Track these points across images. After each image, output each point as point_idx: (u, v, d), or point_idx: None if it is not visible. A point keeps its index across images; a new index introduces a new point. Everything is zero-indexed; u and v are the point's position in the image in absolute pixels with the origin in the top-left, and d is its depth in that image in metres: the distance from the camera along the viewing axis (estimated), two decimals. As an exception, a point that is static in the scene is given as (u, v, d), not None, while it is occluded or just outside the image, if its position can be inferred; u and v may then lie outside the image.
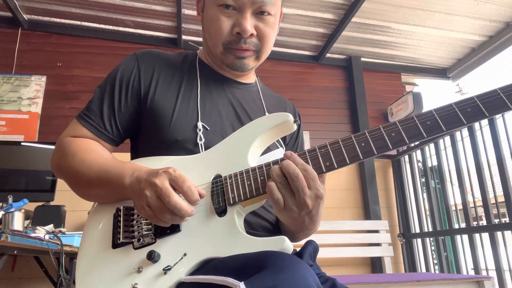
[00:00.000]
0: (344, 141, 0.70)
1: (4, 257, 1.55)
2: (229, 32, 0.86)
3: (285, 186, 0.67)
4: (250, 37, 0.87)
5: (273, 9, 0.87)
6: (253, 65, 0.93)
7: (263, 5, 0.85)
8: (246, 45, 0.87)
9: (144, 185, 0.69)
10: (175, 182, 0.68)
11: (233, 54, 0.89)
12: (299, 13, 3.12)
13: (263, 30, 0.87)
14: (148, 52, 0.95)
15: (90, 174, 0.79)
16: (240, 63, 0.91)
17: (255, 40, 0.88)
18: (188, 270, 0.68)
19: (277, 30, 0.95)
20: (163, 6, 3.10)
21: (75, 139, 0.86)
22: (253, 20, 0.86)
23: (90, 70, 3.26)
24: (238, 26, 0.85)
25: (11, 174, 2.38)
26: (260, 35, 0.88)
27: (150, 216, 0.69)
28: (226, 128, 0.88)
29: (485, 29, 3.29)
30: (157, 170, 0.70)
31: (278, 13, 0.91)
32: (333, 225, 3.02)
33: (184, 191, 0.68)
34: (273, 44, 0.93)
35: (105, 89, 0.90)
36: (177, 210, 0.66)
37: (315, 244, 0.89)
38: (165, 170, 0.69)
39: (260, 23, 0.87)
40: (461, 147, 2.71)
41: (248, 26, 0.84)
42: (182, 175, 0.68)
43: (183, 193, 0.68)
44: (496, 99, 0.64)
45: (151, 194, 0.67)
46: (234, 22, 0.86)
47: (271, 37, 0.90)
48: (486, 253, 2.48)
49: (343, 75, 3.75)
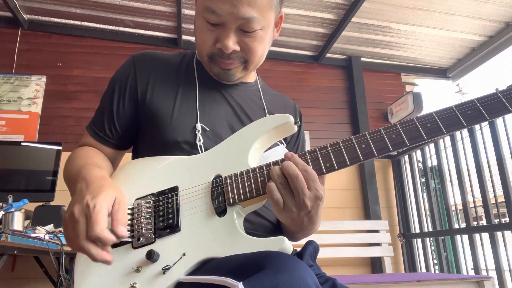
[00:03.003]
0: (344, 142, 0.70)
1: (4, 257, 1.55)
2: (212, 46, 0.84)
3: (285, 186, 0.67)
4: (233, 52, 0.83)
5: (260, 24, 0.80)
6: (240, 75, 0.91)
7: (248, 22, 0.78)
8: (229, 60, 0.85)
9: (72, 203, 0.67)
10: (88, 223, 0.63)
11: (218, 65, 0.87)
12: (299, 13, 3.12)
13: (249, 44, 0.83)
14: (145, 54, 0.95)
15: (70, 173, 0.83)
16: (226, 74, 0.89)
17: (241, 53, 0.84)
18: (187, 270, 0.68)
19: (275, 35, 0.92)
20: (163, 6, 3.10)
21: (79, 148, 0.91)
22: (237, 36, 0.81)
23: (90, 70, 3.26)
24: (220, 42, 0.81)
25: (11, 174, 2.38)
26: (246, 50, 0.84)
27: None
28: (225, 129, 0.88)
29: (485, 29, 3.28)
30: (83, 195, 0.65)
31: (270, 24, 0.85)
32: (333, 225, 3.02)
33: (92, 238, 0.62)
34: (264, 55, 0.89)
35: (105, 95, 0.93)
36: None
37: (316, 244, 0.89)
38: (86, 202, 0.64)
39: (246, 38, 0.82)
40: (461, 147, 2.71)
41: (230, 43, 0.80)
42: (98, 215, 0.62)
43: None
44: (497, 102, 0.65)
45: (78, 216, 0.63)
46: (218, 36, 0.82)
47: (258, 50, 0.85)
48: (486, 253, 2.48)
49: (343, 75, 3.75)
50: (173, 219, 0.73)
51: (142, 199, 0.78)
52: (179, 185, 0.77)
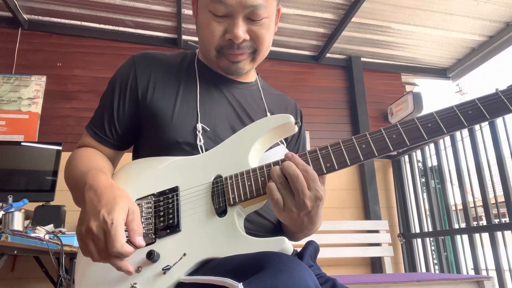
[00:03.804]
0: (345, 142, 0.70)
1: (4, 257, 1.55)
2: (221, 37, 0.84)
3: (285, 186, 0.67)
4: (243, 42, 0.84)
5: (266, 11, 0.83)
6: (248, 68, 0.91)
7: (255, 10, 0.81)
8: (239, 50, 0.85)
9: (89, 216, 0.66)
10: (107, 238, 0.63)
11: (227, 58, 0.87)
12: (299, 13, 3.12)
13: (257, 32, 0.84)
14: (146, 54, 0.95)
15: (74, 178, 0.82)
16: (235, 67, 0.89)
17: (250, 42, 0.86)
18: (188, 270, 0.68)
19: (274, 29, 0.93)
20: (163, 6, 3.10)
21: (79, 149, 0.91)
22: (245, 24, 0.83)
23: (90, 70, 3.26)
24: (230, 33, 0.82)
25: (11, 174, 2.38)
26: (255, 38, 0.85)
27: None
28: (226, 129, 0.88)
29: (485, 29, 3.29)
30: (97, 209, 0.66)
31: (273, 13, 0.88)
32: (333, 225, 3.02)
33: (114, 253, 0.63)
34: (270, 45, 0.90)
35: (106, 96, 0.93)
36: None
37: (316, 245, 0.89)
38: (103, 218, 0.64)
39: (253, 26, 0.84)
40: (461, 147, 2.71)
41: (240, 32, 0.81)
42: (117, 232, 0.62)
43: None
44: (497, 102, 0.64)
45: (97, 230, 0.64)
46: (226, 27, 0.83)
47: (266, 38, 0.87)
48: (486, 253, 2.48)
49: (343, 75, 3.75)
50: (174, 219, 0.73)
51: (142, 199, 0.78)
52: (179, 185, 0.77)
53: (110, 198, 0.67)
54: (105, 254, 0.64)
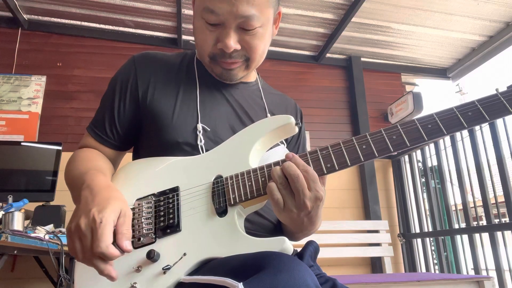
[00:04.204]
0: (345, 143, 0.70)
1: (4, 257, 1.55)
2: (213, 46, 0.84)
3: (285, 187, 0.67)
4: (234, 51, 0.83)
5: (260, 21, 0.81)
6: (242, 75, 0.91)
7: (247, 20, 0.79)
8: (231, 59, 0.85)
9: (80, 213, 0.66)
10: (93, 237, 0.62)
11: (220, 65, 0.87)
12: (299, 13, 3.12)
13: (250, 42, 0.83)
14: (146, 55, 0.95)
15: (73, 178, 0.82)
16: (228, 74, 0.89)
17: (242, 52, 0.84)
18: (188, 270, 0.68)
19: (274, 32, 0.92)
20: (163, 6, 3.10)
21: (80, 149, 0.91)
22: (237, 34, 0.81)
23: (90, 70, 3.26)
24: (221, 42, 0.81)
25: (11, 174, 2.38)
26: (247, 48, 0.84)
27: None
28: (226, 129, 0.88)
29: (485, 29, 3.29)
30: (89, 207, 0.65)
31: (269, 21, 0.85)
32: (333, 225, 3.02)
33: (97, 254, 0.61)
34: (265, 52, 0.89)
35: (106, 96, 0.93)
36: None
37: (316, 245, 0.89)
38: (93, 216, 0.63)
39: (246, 36, 0.82)
40: (461, 147, 2.71)
41: (231, 43, 0.80)
42: (104, 231, 0.61)
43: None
44: (497, 103, 0.65)
45: (85, 228, 0.63)
46: (218, 36, 0.82)
47: (259, 48, 0.85)
48: (486, 253, 2.48)
49: (343, 75, 3.75)
50: (174, 219, 0.73)
51: (143, 199, 0.78)
52: (180, 185, 0.77)
53: (104, 198, 0.67)
54: (89, 254, 0.62)
